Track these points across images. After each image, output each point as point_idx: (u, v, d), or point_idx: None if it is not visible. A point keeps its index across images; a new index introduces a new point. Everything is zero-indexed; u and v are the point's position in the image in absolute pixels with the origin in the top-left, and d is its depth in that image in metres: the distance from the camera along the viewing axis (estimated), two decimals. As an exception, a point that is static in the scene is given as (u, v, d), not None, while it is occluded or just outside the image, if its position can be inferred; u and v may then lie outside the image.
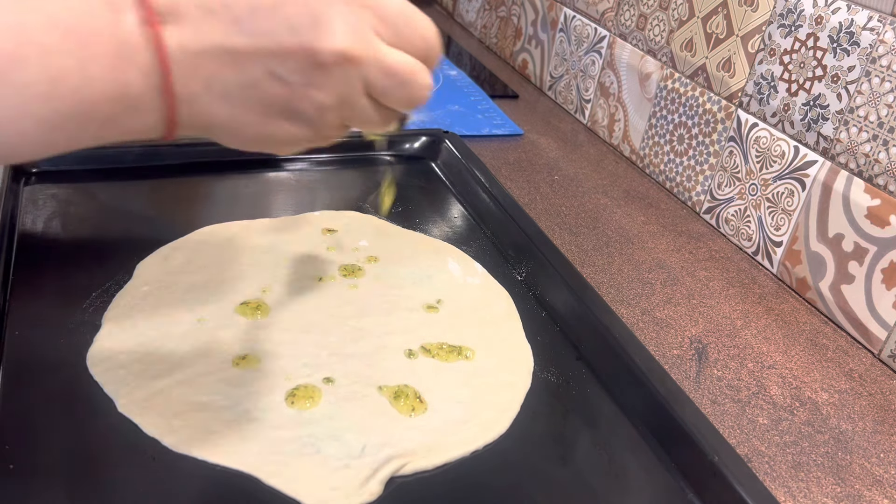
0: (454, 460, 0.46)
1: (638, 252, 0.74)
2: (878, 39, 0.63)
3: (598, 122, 0.99)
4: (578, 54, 1.03)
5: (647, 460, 0.49)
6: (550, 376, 0.54)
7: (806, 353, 0.63)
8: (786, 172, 0.72)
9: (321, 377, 0.50)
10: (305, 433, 0.46)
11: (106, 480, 0.41)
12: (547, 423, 0.50)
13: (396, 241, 0.67)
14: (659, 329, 0.63)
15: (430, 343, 0.55)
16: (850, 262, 0.66)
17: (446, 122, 0.93)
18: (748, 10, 0.75)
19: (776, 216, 0.73)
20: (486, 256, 0.67)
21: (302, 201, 0.72)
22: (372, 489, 0.43)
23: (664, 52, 0.87)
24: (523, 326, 0.59)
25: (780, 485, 0.50)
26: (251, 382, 0.49)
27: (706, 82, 0.81)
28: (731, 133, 0.78)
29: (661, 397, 0.50)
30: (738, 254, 0.77)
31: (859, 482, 0.51)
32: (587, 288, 0.61)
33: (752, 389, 0.58)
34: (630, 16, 0.92)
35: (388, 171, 0.76)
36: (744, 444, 0.53)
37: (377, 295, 0.59)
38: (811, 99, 0.69)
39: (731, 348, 0.62)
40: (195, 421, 0.45)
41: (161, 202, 0.68)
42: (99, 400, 0.46)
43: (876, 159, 0.63)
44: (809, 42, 0.69)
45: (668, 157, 0.87)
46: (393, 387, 0.50)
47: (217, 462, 0.43)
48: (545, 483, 0.46)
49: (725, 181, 0.79)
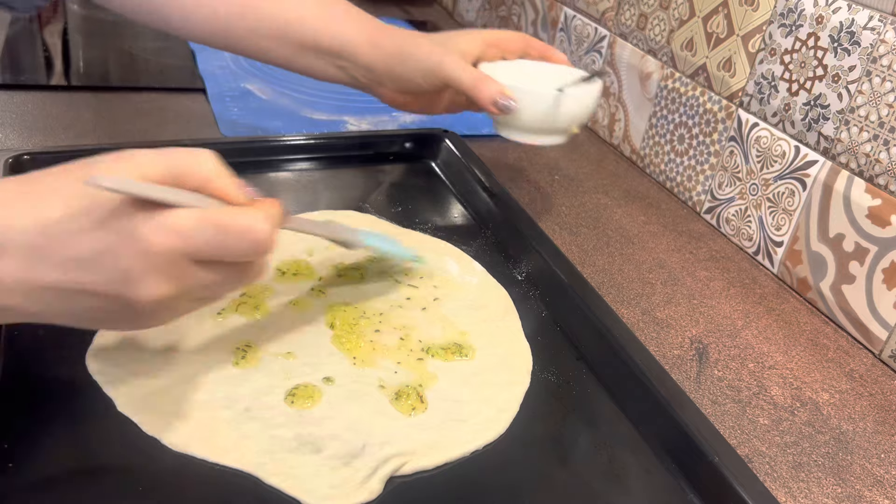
0: (454, 460, 0.46)
1: (638, 252, 0.74)
2: (879, 39, 0.63)
3: (598, 121, 0.99)
4: (579, 54, 1.03)
5: (647, 460, 0.49)
6: (550, 376, 0.54)
7: (807, 354, 0.63)
8: (786, 172, 0.72)
9: (321, 376, 0.50)
10: (305, 432, 0.46)
11: (106, 480, 0.41)
12: (547, 423, 0.50)
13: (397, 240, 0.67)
14: (659, 329, 0.63)
15: (430, 343, 0.55)
16: (851, 262, 0.66)
17: (446, 122, 0.93)
18: (749, 9, 0.75)
19: (777, 216, 0.73)
20: (486, 256, 0.67)
21: (303, 201, 0.72)
22: (372, 488, 0.43)
23: (665, 52, 0.87)
24: (523, 326, 0.59)
25: (781, 485, 0.50)
26: (251, 381, 0.49)
27: (707, 82, 0.81)
28: (731, 133, 0.78)
29: (662, 397, 0.50)
30: (739, 254, 0.77)
31: (860, 482, 0.51)
32: (587, 288, 0.61)
33: (752, 390, 0.58)
34: (630, 15, 0.92)
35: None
36: (744, 445, 0.53)
37: (376, 294, 0.59)
38: (812, 99, 0.69)
39: (731, 348, 0.62)
40: (195, 420, 0.45)
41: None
42: (99, 399, 0.46)
43: (877, 159, 0.63)
44: (810, 42, 0.69)
45: (669, 156, 0.87)
46: (393, 386, 0.50)
47: (217, 461, 0.43)
48: (545, 483, 0.46)
49: (726, 181, 0.79)
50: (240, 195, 0.40)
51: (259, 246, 0.39)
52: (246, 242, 0.38)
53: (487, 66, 0.68)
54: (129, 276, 0.36)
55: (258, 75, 0.98)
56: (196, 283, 0.38)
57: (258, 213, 0.39)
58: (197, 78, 0.94)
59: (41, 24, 1.03)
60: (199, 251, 0.37)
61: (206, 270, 0.38)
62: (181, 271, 0.37)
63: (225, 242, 0.38)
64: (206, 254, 0.37)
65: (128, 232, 0.36)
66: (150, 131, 0.79)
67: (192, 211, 0.37)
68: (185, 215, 0.36)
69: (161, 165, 0.37)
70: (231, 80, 0.95)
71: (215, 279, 0.39)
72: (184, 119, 0.84)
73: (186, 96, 0.89)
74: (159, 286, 0.37)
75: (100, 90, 0.87)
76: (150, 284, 0.36)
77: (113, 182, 0.35)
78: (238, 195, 0.40)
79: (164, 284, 0.37)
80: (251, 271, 0.41)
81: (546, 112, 0.64)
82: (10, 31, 0.97)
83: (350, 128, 0.89)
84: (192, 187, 0.38)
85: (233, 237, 0.38)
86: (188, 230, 0.36)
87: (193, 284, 0.38)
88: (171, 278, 0.37)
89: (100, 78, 0.92)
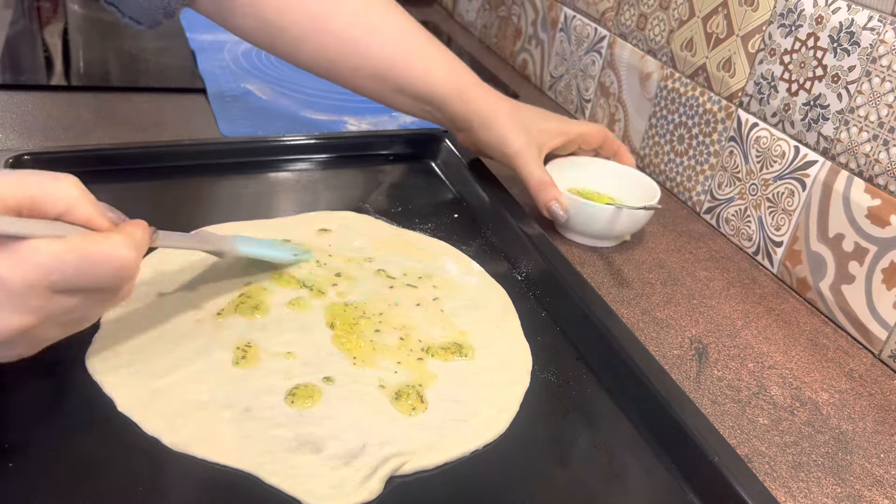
0: (454, 460, 0.46)
1: (638, 252, 0.74)
2: (879, 39, 0.63)
3: (598, 121, 0.99)
4: (578, 54, 1.03)
5: (647, 460, 0.49)
6: (550, 376, 0.54)
7: (806, 354, 0.63)
8: (786, 172, 0.72)
9: (321, 376, 0.50)
10: (305, 432, 0.46)
11: (106, 480, 0.41)
12: (547, 423, 0.50)
13: (395, 240, 0.67)
14: (659, 329, 0.63)
15: (430, 342, 0.55)
16: (851, 262, 0.66)
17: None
18: (748, 9, 0.75)
19: (776, 216, 0.73)
20: (485, 256, 0.67)
21: (303, 201, 0.72)
22: (372, 488, 0.43)
23: (664, 52, 0.87)
24: (523, 326, 0.59)
25: (781, 485, 0.50)
26: (251, 381, 0.49)
27: (706, 82, 0.81)
28: (731, 133, 0.78)
29: (662, 397, 0.50)
30: (739, 254, 0.77)
31: (860, 482, 0.51)
32: (587, 288, 0.61)
33: (752, 390, 0.58)
34: (630, 15, 0.92)
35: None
36: (744, 445, 0.53)
37: (376, 294, 0.59)
38: (811, 99, 0.69)
39: (731, 348, 0.62)
40: (195, 420, 0.45)
41: (161, 203, 0.68)
42: (99, 400, 0.46)
43: (876, 159, 0.63)
44: (810, 42, 0.69)
45: (669, 156, 0.87)
46: (393, 386, 0.50)
47: (217, 461, 0.43)
48: (545, 483, 0.46)
49: (726, 181, 0.79)
50: (103, 221, 0.39)
51: (123, 271, 0.38)
52: (109, 269, 0.38)
53: (557, 165, 0.75)
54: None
55: (258, 75, 0.98)
56: (59, 310, 0.37)
57: (121, 238, 0.38)
58: (197, 78, 0.94)
59: (41, 24, 1.03)
60: (59, 282, 0.36)
61: (69, 297, 0.37)
62: (42, 302, 0.36)
63: (87, 271, 0.37)
64: (67, 283, 0.37)
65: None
66: (150, 131, 0.79)
67: (51, 242, 0.36)
68: (44, 247, 0.35)
69: (18, 192, 0.37)
70: (231, 80, 0.95)
71: (80, 304, 0.38)
72: (184, 119, 0.84)
73: (186, 96, 0.89)
74: (20, 318, 0.36)
75: (100, 90, 0.87)
76: (10, 317, 0.35)
77: None
78: (101, 221, 0.39)
79: (25, 316, 0.36)
80: (117, 295, 0.40)
81: (601, 224, 0.71)
82: (11, 31, 0.97)
83: (350, 128, 0.89)
84: (52, 215, 0.38)
85: (95, 266, 0.37)
86: (47, 262, 0.35)
87: (56, 312, 0.37)
88: (32, 310, 0.36)
89: (100, 78, 0.92)
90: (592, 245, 0.73)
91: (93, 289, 0.39)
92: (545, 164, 0.72)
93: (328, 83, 0.73)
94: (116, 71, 0.96)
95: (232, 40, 1.06)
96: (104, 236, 0.38)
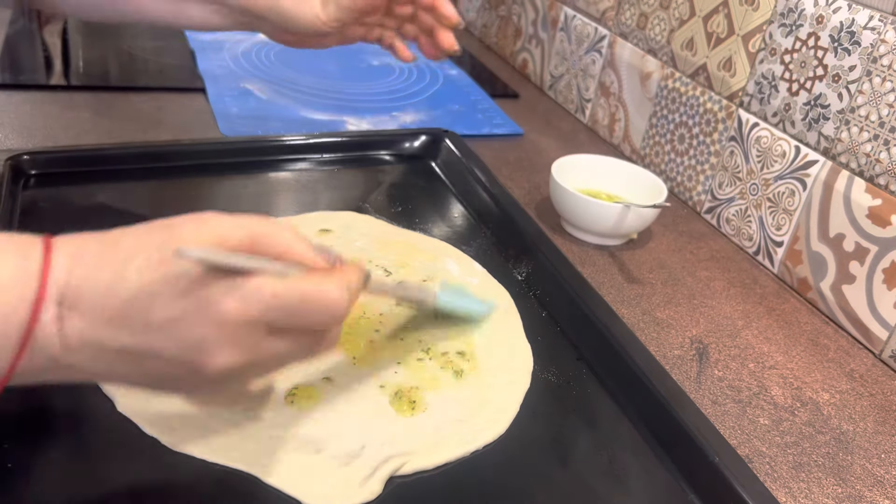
0: (454, 460, 0.46)
1: (638, 252, 0.74)
2: (879, 39, 0.62)
3: (598, 121, 0.99)
4: (579, 54, 1.02)
5: (648, 461, 0.49)
6: (550, 376, 0.54)
7: (807, 354, 0.63)
8: (787, 172, 0.72)
9: (321, 376, 0.50)
10: (305, 432, 0.46)
11: (105, 480, 0.41)
12: (547, 424, 0.50)
13: (395, 240, 0.66)
14: (660, 329, 0.63)
15: (430, 343, 0.55)
16: (852, 262, 0.66)
17: (446, 122, 0.93)
18: (749, 9, 0.75)
19: (777, 216, 0.73)
20: (486, 256, 0.67)
21: (303, 201, 0.72)
22: (372, 488, 0.43)
23: (665, 52, 0.87)
24: (523, 326, 0.59)
25: (781, 485, 0.50)
26: (251, 382, 0.49)
27: (707, 82, 0.81)
28: (731, 133, 0.78)
29: (662, 398, 0.50)
30: (739, 254, 0.77)
31: (860, 483, 0.51)
32: (587, 288, 0.61)
33: (753, 390, 0.58)
34: (631, 15, 0.92)
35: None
36: (745, 445, 0.53)
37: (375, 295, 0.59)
38: (812, 98, 0.69)
39: (731, 349, 0.62)
40: (194, 420, 0.45)
41: (161, 203, 0.68)
42: (99, 400, 0.46)
43: (877, 159, 0.63)
44: (810, 41, 0.69)
45: (669, 156, 0.87)
46: (393, 386, 0.50)
47: (216, 461, 0.43)
48: (545, 483, 0.46)
49: (726, 181, 0.79)
50: (319, 260, 0.39)
51: (336, 313, 0.38)
52: (323, 310, 0.37)
53: (565, 165, 0.75)
54: (203, 344, 0.35)
55: (258, 75, 0.98)
56: (268, 352, 0.37)
57: (340, 281, 0.38)
58: (197, 78, 0.93)
59: (41, 24, 1.03)
60: (276, 320, 0.36)
61: (279, 339, 0.37)
62: (255, 341, 0.36)
63: (304, 310, 0.37)
64: (282, 322, 0.37)
65: (205, 300, 0.35)
66: (150, 131, 0.79)
67: (273, 279, 0.36)
68: (267, 285, 0.35)
69: (241, 232, 0.36)
70: (231, 80, 0.95)
71: (288, 348, 0.38)
72: (184, 119, 0.83)
73: (186, 96, 0.89)
74: (232, 355, 0.36)
75: (99, 90, 0.87)
76: (224, 353, 0.36)
77: (201, 253, 0.34)
78: (317, 261, 0.39)
79: (237, 354, 0.36)
80: (324, 341, 0.40)
81: (610, 222, 0.71)
82: (10, 30, 0.97)
83: (350, 128, 0.88)
84: (273, 255, 0.37)
85: (313, 305, 0.37)
86: (269, 301, 0.36)
87: (265, 355, 0.37)
88: (245, 349, 0.36)
89: (99, 78, 0.91)
90: (600, 243, 0.73)
91: (304, 330, 0.38)
92: (556, 165, 0.74)
93: (328, 83, 0.72)
94: (116, 71, 0.96)
95: (232, 39, 1.06)
96: (321, 278, 0.37)
